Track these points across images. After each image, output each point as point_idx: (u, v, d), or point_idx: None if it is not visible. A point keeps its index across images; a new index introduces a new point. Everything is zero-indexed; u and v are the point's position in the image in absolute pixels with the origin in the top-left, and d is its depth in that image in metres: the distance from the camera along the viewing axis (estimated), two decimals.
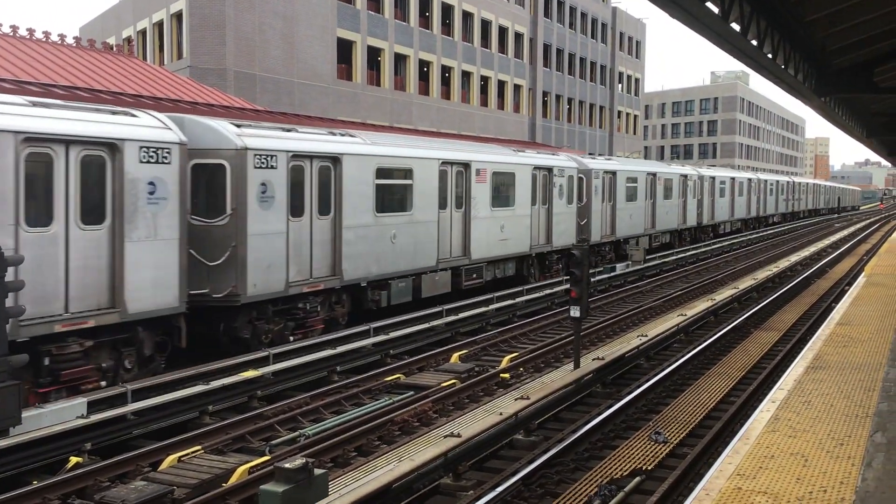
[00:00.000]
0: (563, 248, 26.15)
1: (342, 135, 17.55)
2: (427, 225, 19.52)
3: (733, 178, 50.66)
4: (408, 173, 18.91)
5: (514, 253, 23.56)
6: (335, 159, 16.52)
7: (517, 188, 23.45)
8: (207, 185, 14.27)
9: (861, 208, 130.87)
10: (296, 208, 15.50)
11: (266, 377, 13.53)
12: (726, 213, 49.37)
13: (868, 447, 7.54)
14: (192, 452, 10.19)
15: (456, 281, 20.73)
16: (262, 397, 13.24)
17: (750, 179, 55.42)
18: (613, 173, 31.26)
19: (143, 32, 46.24)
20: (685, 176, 40.30)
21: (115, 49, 30.74)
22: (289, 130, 16.01)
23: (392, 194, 18.57)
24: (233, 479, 9.19)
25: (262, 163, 14.53)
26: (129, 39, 47.47)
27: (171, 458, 9.95)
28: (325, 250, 16.34)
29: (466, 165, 21.08)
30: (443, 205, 20.19)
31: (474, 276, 21.52)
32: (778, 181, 67.63)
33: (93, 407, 11.06)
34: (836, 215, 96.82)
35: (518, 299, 21.86)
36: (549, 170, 25.57)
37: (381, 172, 17.91)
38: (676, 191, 38.92)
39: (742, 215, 53.67)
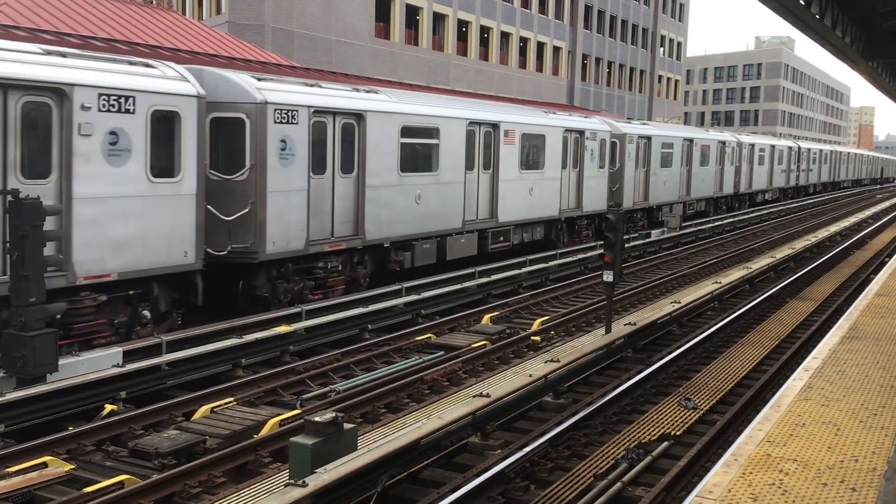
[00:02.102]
0: (593, 213, 25.87)
1: (367, 91, 17.33)
2: (453, 186, 19.39)
3: (773, 146, 49.28)
4: (434, 132, 18.70)
5: (543, 217, 23.24)
6: (359, 116, 16.27)
7: (547, 151, 23.01)
8: (226, 140, 14.18)
9: None
10: (317, 166, 15.30)
11: (299, 333, 13.65)
12: (765, 181, 48.07)
13: None
14: (225, 404, 10.34)
15: (482, 244, 20.54)
16: (294, 352, 13.38)
17: (790, 147, 54.02)
18: (648, 138, 30.44)
19: None
20: (723, 143, 39.29)
21: (154, 3, 30.77)
22: (312, 85, 15.80)
23: (417, 154, 18.33)
24: (264, 431, 9.32)
25: (283, 118, 14.34)
26: None
27: (203, 409, 10.10)
28: (347, 209, 16.16)
29: (495, 126, 20.74)
30: (470, 166, 19.98)
31: (501, 238, 21.27)
32: (821, 150, 65.83)
33: (128, 357, 11.25)
34: (878, 186, 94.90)
35: (551, 263, 21.77)
36: (581, 133, 25.06)
37: (407, 131, 17.66)
38: (713, 158, 37.93)
39: (781, 184, 52.41)
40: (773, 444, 6.73)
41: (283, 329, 13.34)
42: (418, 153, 18.35)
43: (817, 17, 9.53)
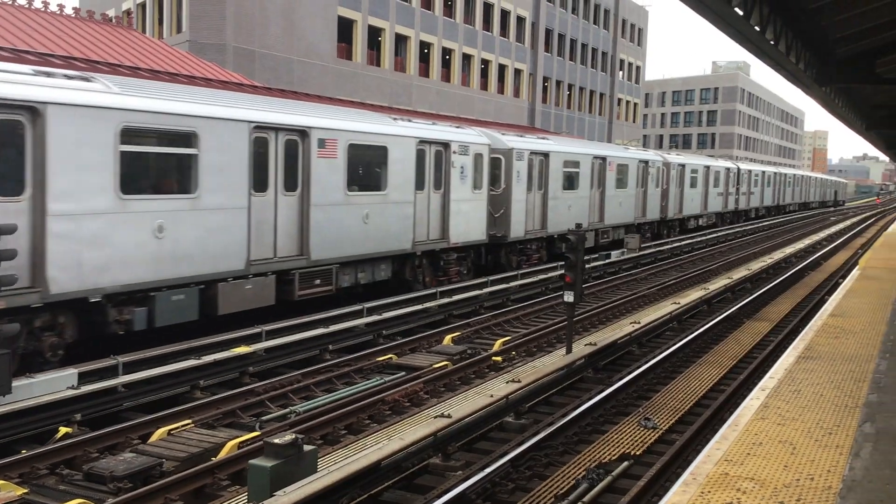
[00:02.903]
0: (467, 244, 21.71)
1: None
2: (225, 215, 14.47)
3: (707, 167, 45.14)
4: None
5: (388, 251, 18.53)
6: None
7: (391, 167, 18.38)
8: None
9: (848, 203, 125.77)
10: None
11: (258, 354, 13.52)
12: (698, 205, 43.89)
13: (857, 437, 7.55)
14: (182, 426, 10.19)
15: (285, 290, 15.68)
16: (253, 374, 13.24)
17: (728, 169, 49.88)
18: (545, 155, 25.59)
19: (143, 5, 45.95)
20: (646, 162, 35.05)
21: (114, 21, 30.53)
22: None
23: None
24: (222, 453, 9.19)
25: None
26: (128, 12, 47.13)
27: (160, 431, 9.95)
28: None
29: (303, 133, 15.83)
30: (260, 187, 15.03)
31: (317, 282, 16.31)
32: (764, 171, 61.43)
33: (84, 378, 11.05)
34: (832, 209, 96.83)
35: (512, 283, 21.85)
36: (445, 146, 20.49)
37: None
38: (634, 179, 33.51)
39: (718, 209, 48.15)
40: (730, 463, 6.80)
41: (242, 350, 13.21)
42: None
43: (772, 42, 9.75)
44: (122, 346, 12.37)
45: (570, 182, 27.69)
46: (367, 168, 17.95)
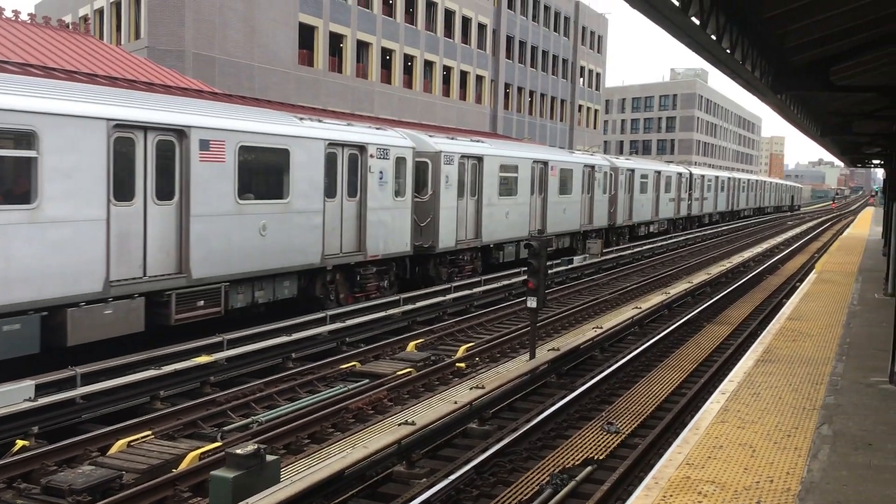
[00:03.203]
0: (388, 256, 19.78)
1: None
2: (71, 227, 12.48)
3: (658, 172, 43.78)
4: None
5: (291, 266, 16.50)
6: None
7: (293, 173, 16.42)
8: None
9: (804, 208, 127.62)
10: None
11: (219, 363, 13.38)
12: (649, 212, 42.48)
13: (815, 439, 7.68)
14: (143, 437, 10.05)
15: (160, 314, 13.93)
16: (214, 383, 13.10)
17: (680, 174, 48.61)
18: (478, 158, 23.87)
19: (101, 11, 45.38)
20: (591, 167, 33.46)
21: (70, 27, 30.10)
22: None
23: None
24: (183, 465, 9.08)
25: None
26: (85, 18, 46.55)
27: (120, 443, 9.80)
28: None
29: (181, 133, 13.93)
30: (124, 196, 13.24)
31: (200, 303, 14.38)
32: (717, 176, 60.53)
33: (41, 390, 10.84)
34: (789, 213, 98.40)
35: (475, 289, 21.89)
36: (362, 148, 18.55)
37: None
38: (579, 184, 31.90)
39: (670, 215, 46.71)
40: (692, 466, 6.88)
41: (203, 359, 13.06)
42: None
43: (728, 51, 9.91)
44: (79, 357, 12.17)
45: (508, 188, 26.01)
46: (264, 173, 16.13)
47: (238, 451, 7.22)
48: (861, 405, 8.91)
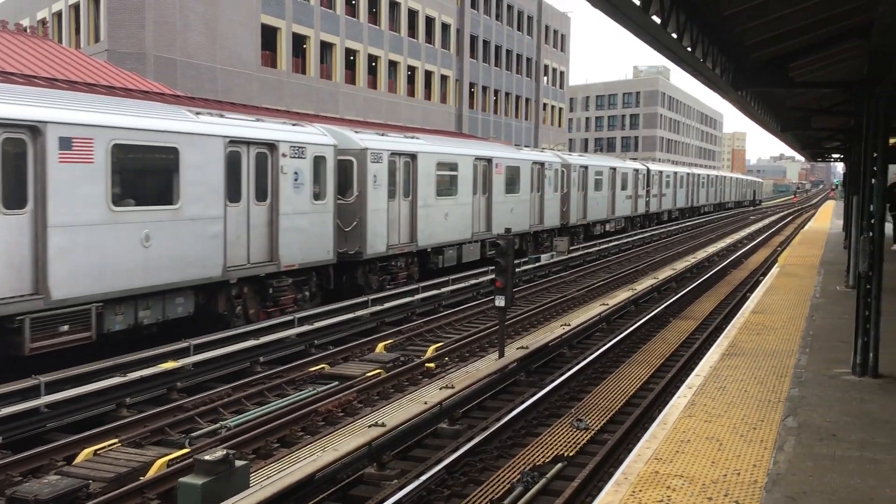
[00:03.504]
0: (306, 265, 17.87)
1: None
2: None
3: (614, 169, 42.49)
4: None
5: (184, 281, 14.57)
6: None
7: (183, 173, 14.49)
8: None
9: (766, 202, 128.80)
10: None
11: (186, 368, 13.25)
12: (604, 210, 41.16)
13: (780, 431, 7.79)
14: (109, 446, 9.92)
15: (12, 341, 12.07)
16: (182, 389, 12.96)
17: (637, 170, 47.37)
18: (412, 156, 22.19)
19: (59, 14, 44.74)
20: (541, 164, 31.95)
21: (28, 31, 29.62)
22: None
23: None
24: (151, 472, 8.98)
25: None
26: (43, 21, 45.86)
27: (86, 452, 9.67)
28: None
29: (33, 129, 12.02)
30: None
31: (69, 327, 12.51)
32: (676, 172, 58.98)
33: (3, 399, 10.67)
34: (751, 208, 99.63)
35: (444, 289, 21.90)
36: (271, 147, 16.73)
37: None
38: (527, 183, 30.39)
39: (627, 213, 45.55)
40: (660, 461, 6.94)
41: (169, 365, 12.92)
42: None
43: (689, 49, 10.02)
44: (43, 366, 11.98)
45: (448, 187, 24.31)
46: (147, 176, 14.31)
47: (206, 458, 7.16)
48: (825, 397, 9.05)
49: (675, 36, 9.52)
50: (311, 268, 18.19)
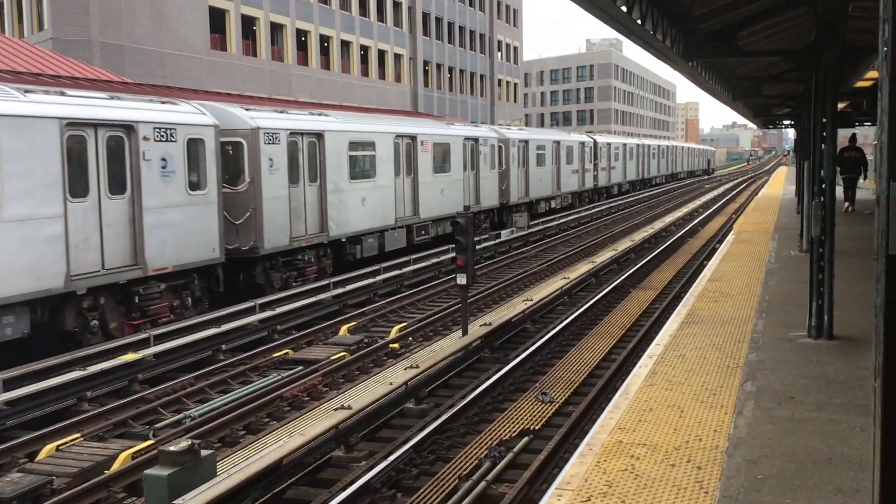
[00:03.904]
0: (185, 267, 15.46)
1: None
2: None
3: (557, 142, 40.64)
4: None
5: (16, 295, 12.21)
6: None
7: (2, 167, 11.99)
8: None
9: (721, 171, 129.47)
10: None
11: (147, 360, 13.10)
12: (548, 187, 39.20)
13: (739, 396, 7.94)
14: (72, 440, 9.81)
15: None
16: (143, 380, 12.83)
17: (583, 143, 45.65)
18: (318, 135, 19.78)
19: (0, 3, 43.51)
20: (475, 139, 29.84)
21: None
22: None
23: None
24: (115, 466, 8.90)
25: None
26: None
27: (48, 448, 9.55)
28: None
29: None
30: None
31: None
32: (625, 144, 57.62)
33: None
34: (706, 177, 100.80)
35: (405, 269, 21.89)
36: (128, 129, 14.31)
37: None
38: (459, 161, 28.16)
39: (574, 188, 43.95)
40: (623, 430, 7.04)
41: (129, 357, 12.77)
42: None
43: (639, 22, 10.08)
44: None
45: (364, 169, 21.99)
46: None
47: (171, 449, 7.11)
48: (782, 360, 9.24)
49: (625, 9, 9.57)
50: (192, 269, 15.79)
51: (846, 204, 26.11)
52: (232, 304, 16.29)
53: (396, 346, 14.22)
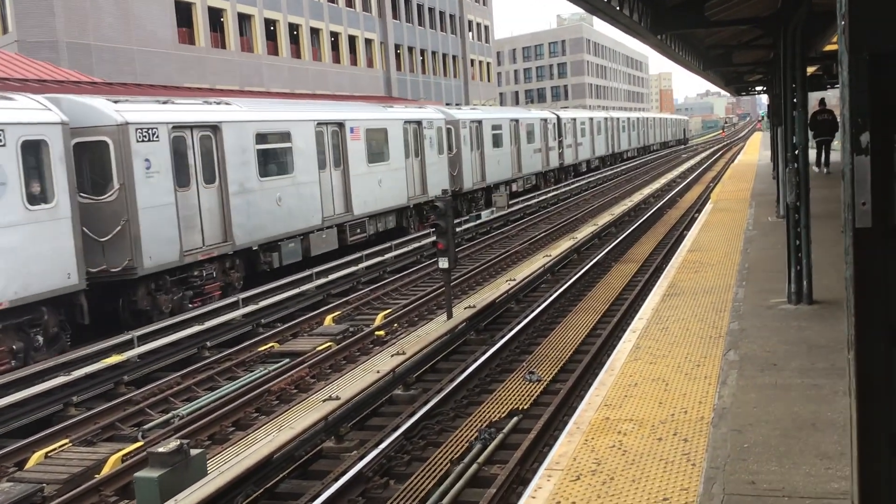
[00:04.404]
0: (26, 301, 12.73)
1: None
2: None
3: (515, 121, 37.67)
4: None
5: None
6: None
7: None
8: None
9: (696, 140, 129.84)
10: None
11: (132, 361, 13.05)
12: (507, 169, 36.25)
13: (722, 365, 8.02)
14: (60, 447, 9.78)
15: None
16: (129, 382, 12.78)
17: (545, 119, 42.75)
18: (214, 128, 17.05)
19: None
20: (417, 122, 26.84)
21: None
22: None
23: None
24: (105, 470, 8.89)
25: None
26: None
27: (37, 455, 9.52)
28: None
29: None
30: None
31: None
32: (592, 118, 54.62)
33: None
34: (682, 147, 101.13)
35: (388, 255, 21.87)
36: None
37: None
38: (399, 147, 25.41)
39: (537, 168, 41.06)
40: (610, 407, 7.10)
41: (114, 360, 12.73)
42: None
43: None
44: None
45: (279, 164, 19.36)
46: None
47: (160, 450, 7.11)
48: (763, 327, 9.33)
49: None
50: (40, 302, 13.04)
51: (822, 167, 26.29)
52: (107, 336, 13.64)
53: (382, 333, 14.24)
